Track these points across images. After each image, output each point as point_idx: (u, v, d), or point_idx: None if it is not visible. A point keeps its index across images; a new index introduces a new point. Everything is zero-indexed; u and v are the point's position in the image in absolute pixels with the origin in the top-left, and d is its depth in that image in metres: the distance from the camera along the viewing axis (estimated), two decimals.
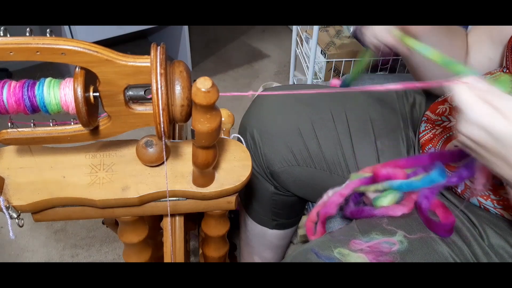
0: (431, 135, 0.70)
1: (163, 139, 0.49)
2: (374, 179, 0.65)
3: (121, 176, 0.58)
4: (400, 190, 0.63)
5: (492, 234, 0.59)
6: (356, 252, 0.57)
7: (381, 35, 0.69)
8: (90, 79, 0.47)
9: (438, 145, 0.68)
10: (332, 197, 0.67)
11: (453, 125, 0.68)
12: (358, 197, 0.69)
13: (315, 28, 1.32)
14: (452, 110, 0.70)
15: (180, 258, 0.69)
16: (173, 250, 0.68)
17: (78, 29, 1.55)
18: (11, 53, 0.43)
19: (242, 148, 0.63)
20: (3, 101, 0.46)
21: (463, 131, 0.47)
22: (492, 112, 0.44)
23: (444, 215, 0.60)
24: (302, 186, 0.79)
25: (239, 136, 0.76)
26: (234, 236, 1.18)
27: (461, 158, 0.60)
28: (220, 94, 0.45)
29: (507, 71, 0.63)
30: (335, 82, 0.95)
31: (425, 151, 0.71)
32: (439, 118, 0.71)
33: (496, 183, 0.59)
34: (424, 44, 0.56)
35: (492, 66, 0.73)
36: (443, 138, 0.68)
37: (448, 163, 0.63)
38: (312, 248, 0.60)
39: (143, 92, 0.49)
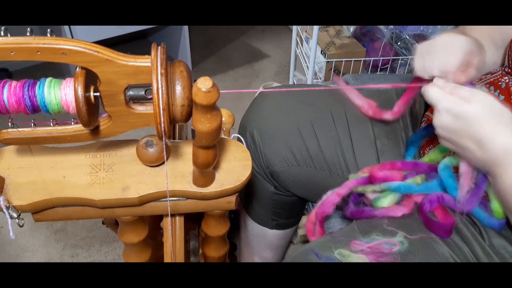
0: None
1: (163, 139, 0.49)
2: (371, 180, 0.65)
3: (121, 176, 0.58)
4: (398, 191, 0.63)
5: (493, 234, 0.59)
6: (357, 253, 0.57)
7: None
8: (90, 79, 0.47)
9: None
10: (329, 197, 0.67)
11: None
12: (358, 197, 0.69)
13: (315, 28, 1.32)
14: None
15: (180, 258, 0.69)
16: (173, 250, 0.68)
17: (78, 29, 1.55)
18: (12, 53, 0.43)
19: (242, 148, 0.63)
20: (3, 100, 0.46)
21: (436, 122, 0.55)
22: (457, 99, 0.52)
23: (443, 216, 0.60)
24: (302, 186, 0.79)
25: (239, 136, 0.76)
26: (234, 236, 1.18)
27: None
28: (221, 91, 0.45)
29: (509, 70, 0.63)
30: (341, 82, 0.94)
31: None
32: None
33: None
34: None
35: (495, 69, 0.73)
36: None
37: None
38: (313, 248, 0.60)
39: (143, 92, 0.49)
